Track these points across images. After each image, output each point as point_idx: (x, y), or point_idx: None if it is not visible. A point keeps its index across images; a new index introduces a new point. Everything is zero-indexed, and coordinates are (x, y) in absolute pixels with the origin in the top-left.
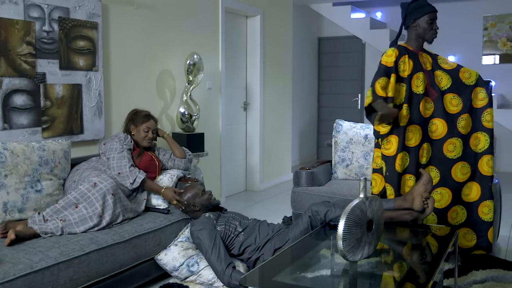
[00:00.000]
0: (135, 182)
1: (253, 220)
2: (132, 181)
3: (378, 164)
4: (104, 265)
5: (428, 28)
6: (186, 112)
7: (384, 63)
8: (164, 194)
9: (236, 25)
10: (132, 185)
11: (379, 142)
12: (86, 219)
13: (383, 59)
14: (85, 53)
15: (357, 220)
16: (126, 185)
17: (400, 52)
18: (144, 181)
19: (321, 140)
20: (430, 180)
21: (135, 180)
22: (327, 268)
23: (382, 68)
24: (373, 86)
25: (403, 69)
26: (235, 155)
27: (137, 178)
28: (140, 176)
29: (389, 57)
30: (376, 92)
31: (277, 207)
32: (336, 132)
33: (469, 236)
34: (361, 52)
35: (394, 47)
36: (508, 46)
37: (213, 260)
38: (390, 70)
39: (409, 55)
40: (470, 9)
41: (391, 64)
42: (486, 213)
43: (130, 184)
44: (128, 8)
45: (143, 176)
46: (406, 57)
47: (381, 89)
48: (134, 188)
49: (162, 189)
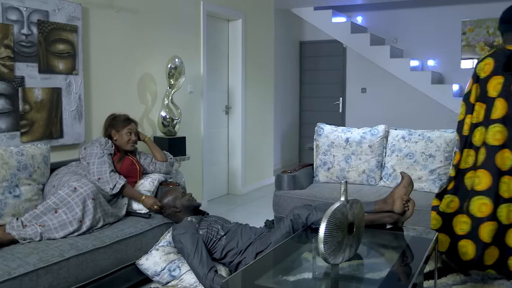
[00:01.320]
0: (115, 187)
1: (235, 224)
2: (112, 187)
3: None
4: (84, 270)
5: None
6: (167, 116)
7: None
8: (144, 202)
9: (218, 29)
10: (112, 191)
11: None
12: (66, 224)
13: None
14: (65, 57)
15: (338, 223)
16: (106, 190)
17: None
18: (124, 186)
19: (303, 143)
20: (411, 183)
21: (115, 185)
22: (309, 271)
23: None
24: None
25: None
26: (217, 158)
27: (117, 184)
28: (120, 181)
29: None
30: None
31: (259, 210)
32: (318, 136)
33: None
34: (342, 56)
35: None
36: (486, 50)
37: (195, 264)
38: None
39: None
40: (449, 14)
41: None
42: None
43: (110, 189)
44: (109, 11)
45: (123, 182)
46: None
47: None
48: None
49: (142, 197)
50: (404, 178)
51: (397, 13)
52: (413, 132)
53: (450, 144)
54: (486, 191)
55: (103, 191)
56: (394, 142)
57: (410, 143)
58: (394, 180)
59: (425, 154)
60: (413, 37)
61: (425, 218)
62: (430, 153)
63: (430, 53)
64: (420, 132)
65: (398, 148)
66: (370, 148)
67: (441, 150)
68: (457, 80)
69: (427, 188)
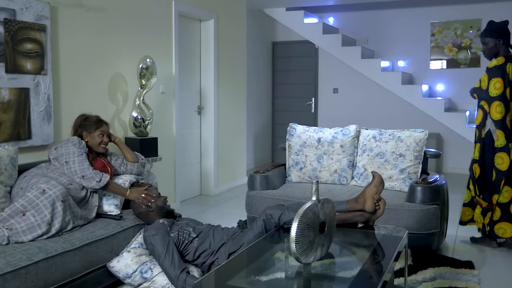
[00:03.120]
0: (102, 180)
1: (207, 225)
2: (98, 180)
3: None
4: (54, 274)
5: None
6: (139, 116)
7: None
8: (130, 195)
9: (190, 29)
10: (99, 183)
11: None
12: (34, 227)
13: None
14: (33, 56)
15: (310, 222)
16: (92, 185)
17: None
18: (109, 182)
19: (276, 143)
20: (382, 182)
21: (101, 179)
22: (281, 271)
23: None
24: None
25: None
26: (190, 159)
27: (103, 177)
28: (105, 175)
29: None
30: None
31: (232, 211)
32: (290, 136)
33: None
34: (314, 56)
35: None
36: (454, 51)
37: (167, 266)
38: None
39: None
40: (418, 15)
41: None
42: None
43: (96, 182)
44: (78, 10)
45: (108, 176)
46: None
47: None
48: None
49: (127, 191)
50: (375, 178)
51: (368, 14)
52: (383, 132)
53: (419, 144)
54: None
55: (74, 193)
56: (365, 142)
57: (380, 142)
58: (365, 179)
59: (395, 153)
60: (383, 38)
61: (396, 217)
62: (400, 153)
63: (400, 54)
64: (390, 132)
65: (369, 147)
66: (341, 148)
67: (411, 149)
68: (427, 80)
69: (397, 187)
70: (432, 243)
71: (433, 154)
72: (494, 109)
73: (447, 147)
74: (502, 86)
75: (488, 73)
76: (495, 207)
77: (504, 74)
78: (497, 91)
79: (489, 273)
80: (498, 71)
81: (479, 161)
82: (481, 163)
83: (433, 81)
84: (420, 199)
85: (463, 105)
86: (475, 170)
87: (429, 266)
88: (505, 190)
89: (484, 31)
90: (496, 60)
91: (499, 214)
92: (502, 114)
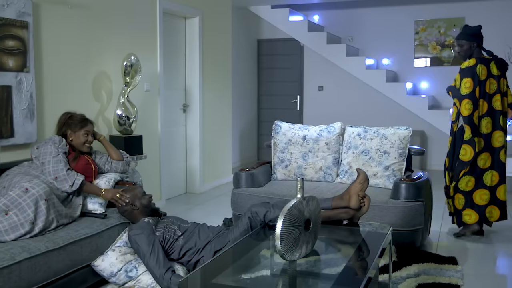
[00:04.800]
0: (74, 184)
1: (193, 224)
2: (71, 184)
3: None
4: (37, 274)
5: None
6: (123, 114)
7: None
8: (105, 195)
9: (175, 27)
10: (71, 188)
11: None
12: (17, 227)
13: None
14: (15, 54)
15: (295, 220)
16: (65, 188)
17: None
18: (83, 183)
19: (261, 141)
20: (366, 179)
21: (74, 182)
22: (267, 268)
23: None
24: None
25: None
26: (175, 157)
27: (76, 180)
28: (78, 178)
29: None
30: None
31: (218, 209)
32: (275, 133)
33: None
34: (299, 54)
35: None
36: (438, 49)
37: (152, 265)
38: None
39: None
40: (402, 13)
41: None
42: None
43: (69, 186)
44: (61, 7)
45: (81, 178)
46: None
47: None
48: (70, 192)
49: (101, 191)
50: (360, 175)
51: (353, 12)
52: (368, 129)
53: (403, 141)
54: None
55: (58, 191)
56: (350, 139)
57: (365, 140)
58: (350, 176)
59: (380, 151)
60: (368, 36)
61: (381, 214)
62: (384, 150)
63: (385, 52)
64: (375, 129)
65: (354, 145)
66: (326, 146)
67: (395, 146)
68: (411, 78)
69: (382, 184)
70: (416, 240)
71: (417, 151)
72: (463, 106)
73: (431, 144)
74: (472, 85)
75: (460, 73)
76: (456, 194)
77: (474, 75)
78: (467, 90)
79: (471, 269)
80: (469, 72)
81: (449, 152)
82: (452, 155)
83: (417, 79)
84: (404, 196)
85: (446, 103)
86: (446, 161)
87: (413, 262)
88: (467, 179)
89: (460, 34)
90: (468, 62)
91: (463, 202)
92: (470, 111)
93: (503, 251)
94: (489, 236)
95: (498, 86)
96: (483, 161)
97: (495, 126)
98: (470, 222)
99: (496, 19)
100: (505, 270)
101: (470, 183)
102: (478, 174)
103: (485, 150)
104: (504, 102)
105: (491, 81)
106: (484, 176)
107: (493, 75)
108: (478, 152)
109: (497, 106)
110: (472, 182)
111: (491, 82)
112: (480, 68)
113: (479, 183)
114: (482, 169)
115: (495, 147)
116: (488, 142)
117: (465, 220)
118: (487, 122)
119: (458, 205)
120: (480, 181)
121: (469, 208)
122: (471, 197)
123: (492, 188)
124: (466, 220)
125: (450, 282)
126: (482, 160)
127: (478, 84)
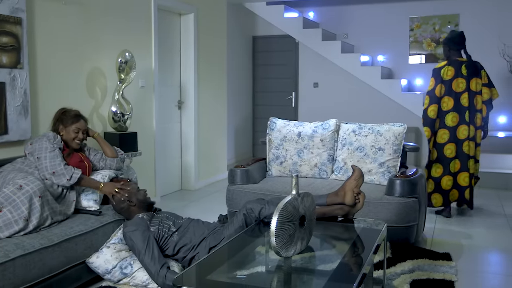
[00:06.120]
0: (72, 178)
1: (187, 219)
2: (69, 178)
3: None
4: (32, 271)
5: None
6: (118, 111)
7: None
8: (104, 189)
9: (170, 23)
10: (69, 181)
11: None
12: (11, 223)
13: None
14: (8, 50)
15: (290, 216)
16: (62, 182)
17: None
18: (81, 177)
19: (257, 138)
20: (361, 176)
21: (72, 176)
22: (262, 265)
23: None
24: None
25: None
26: (170, 154)
27: (74, 174)
28: (76, 172)
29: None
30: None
31: (213, 205)
32: (270, 130)
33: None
34: (294, 51)
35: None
36: (432, 46)
37: (147, 262)
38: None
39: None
40: (397, 10)
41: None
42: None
43: (67, 180)
44: (55, 3)
45: (79, 172)
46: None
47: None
48: (67, 187)
49: (100, 185)
50: (355, 171)
51: (348, 9)
52: (363, 126)
53: (398, 138)
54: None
55: (52, 188)
56: (345, 136)
57: (360, 136)
58: (345, 173)
59: (374, 147)
60: (363, 32)
61: (375, 210)
62: (379, 146)
63: (380, 49)
64: (370, 126)
65: (349, 141)
66: (321, 142)
67: (390, 143)
68: (406, 75)
69: (376, 180)
70: (410, 236)
71: (411, 147)
72: (425, 101)
73: (425, 141)
74: (434, 84)
75: (432, 72)
76: (428, 179)
77: (437, 75)
78: (429, 87)
79: (465, 265)
80: (435, 72)
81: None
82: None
83: (412, 75)
84: (399, 192)
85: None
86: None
87: (407, 259)
88: (436, 166)
89: (444, 38)
90: (440, 64)
91: (432, 187)
92: (426, 105)
93: (497, 247)
94: (483, 232)
95: (468, 86)
96: (449, 150)
97: (461, 120)
98: (437, 206)
99: (490, 16)
100: (499, 267)
101: (439, 169)
102: (445, 162)
103: (451, 141)
104: (478, 99)
105: (459, 81)
106: (451, 164)
107: (463, 75)
108: (441, 142)
109: (464, 103)
110: (440, 169)
111: (459, 81)
112: (445, 69)
113: (446, 170)
114: (448, 158)
115: (460, 139)
116: (453, 134)
117: (433, 203)
118: (453, 116)
119: (429, 189)
120: (447, 169)
121: (437, 193)
122: (439, 182)
123: (455, 174)
124: (434, 203)
125: (444, 278)
126: (448, 150)
127: (440, 83)
